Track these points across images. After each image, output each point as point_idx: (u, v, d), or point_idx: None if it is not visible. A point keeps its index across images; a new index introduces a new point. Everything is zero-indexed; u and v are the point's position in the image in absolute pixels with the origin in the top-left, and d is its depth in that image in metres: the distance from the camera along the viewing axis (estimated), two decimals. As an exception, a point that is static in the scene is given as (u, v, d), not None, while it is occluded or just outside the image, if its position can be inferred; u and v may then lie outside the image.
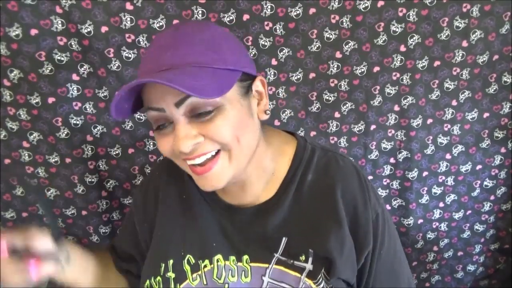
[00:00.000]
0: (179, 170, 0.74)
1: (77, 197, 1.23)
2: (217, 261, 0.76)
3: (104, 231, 1.30)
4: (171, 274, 0.76)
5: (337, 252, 0.73)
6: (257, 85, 0.72)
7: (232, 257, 0.76)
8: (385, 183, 1.32)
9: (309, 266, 0.74)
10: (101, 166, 1.22)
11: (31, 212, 1.25)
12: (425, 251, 1.43)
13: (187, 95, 0.60)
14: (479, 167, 1.31)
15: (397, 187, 1.33)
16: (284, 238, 0.75)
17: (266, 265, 0.75)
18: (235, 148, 0.66)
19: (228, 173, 0.67)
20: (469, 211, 1.37)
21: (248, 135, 0.68)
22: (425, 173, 1.30)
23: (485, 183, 1.34)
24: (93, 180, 1.22)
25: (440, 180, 1.32)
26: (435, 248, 1.42)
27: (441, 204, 1.35)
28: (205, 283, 0.75)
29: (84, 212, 1.26)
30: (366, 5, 1.06)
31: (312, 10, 1.06)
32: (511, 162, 1.31)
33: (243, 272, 0.75)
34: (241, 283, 0.74)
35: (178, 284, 0.76)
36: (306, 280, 0.73)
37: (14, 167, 1.18)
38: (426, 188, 1.32)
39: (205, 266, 0.76)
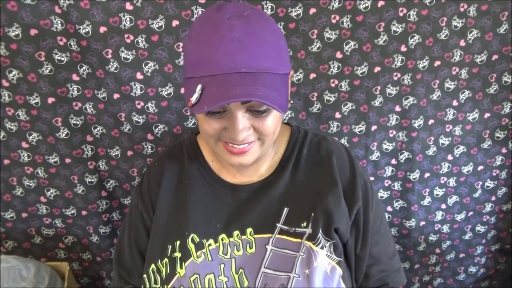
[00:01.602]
0: (179, 159, 0.87)
1: (77, 197, 1.23)
2: (222, 239, 0.80)
3: (104, 231, 1.30)
4: (177, 254, 0.79)
5: (335, 206, 0.81)
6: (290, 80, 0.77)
7: (236, 232, 0.80)
8: (386, 184, 1.31)
9: (309, 230, 0.80)
10: (101, 166, 1.22)
11: (31, 212, 1.25)
12: (428, 254, 1.42)
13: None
14: (480, 167, 1.30)
15: (398, 188, 1.32)
16: (285, 209, 0.81)
17: (269, 235, 0.80)
18: (270, 139, 0.75)
19: (256, 155, 0.76)
20: (471, 212, 1.36)
21: (280, 126, 0.76)
22: (427, 175, 1.29)
23: (486, 184, 1.33)
24: (93, 180, 1.22)
25: (442, 182, 1.31)
26: (437, 251, 1.41)
27: (443, 206, 1.34)
28: (210, 259, 0.79)
29: (84, 212, 1.26)
30: (367, 5, 1.06)
31: (312, 10, 1.06)
32: (512, 163, 1.30)
33: (248, 244, 0.80)
34: (246, 255, 0.79)
35: (183, 263, 0.79)
36: (306, 243, 0.78)
37: (13, 168, 1.18)
38: (428, 190, 1.31)
39: (209, 244, 0.80)
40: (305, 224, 0.80)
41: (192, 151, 0.88)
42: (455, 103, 1.20)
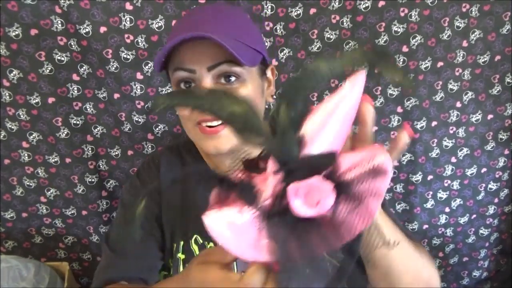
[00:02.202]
0: (179, 159, 0.85)
1: (77, 197, 1.23)
2: None
3: (104, 231, 1.29)
4: (180, 255, 0.78)
5: None
6: (269, 72, 0.78)
7: None
8: (388, 186, 1.30)
9: None
10: (101, 166, 1.22)
11: (31, 212, 1.25)
12: (431, 258, 1.40)
13: (220, 61, 0.66)
14: (484, 170, 1.28)
15: (400, 190, 1.30)
16: None
17: None
18: None
19: (232, 141, 0.71)
20: (474, 215, 1.35)
21: (262, 107, 0.76)
22: (430, 177, 1.27)
23: (489, 186, 1.31)
24: (93, 180, 1.22)
25: (446, 185, 1.29)
26: (441, 254, 1.40)
27: (447, 209, 1.32)
28: None
29: (84, 212, 1.26)
30: (367, 5, 1.05)
31: (312, 10, 1.05)
32: (514, 164, 1.29)
33: None
34: None
35: (187, 265, 0.76)
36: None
37: (14, 167, 1.19)
38: (431, 193, 1.30)
39: (211, 247, 0.79)
40: None
41: (190, 151, 0.87)
42: (458, 104, 1.19)
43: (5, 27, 1.01)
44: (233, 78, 0.68)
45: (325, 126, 0.37)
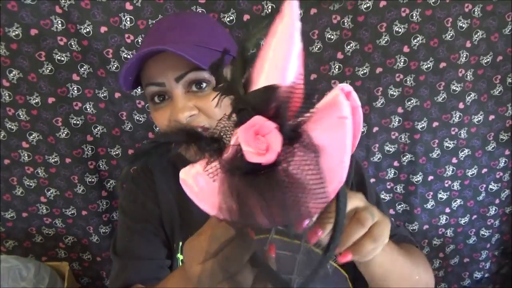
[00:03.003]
0: (174, 166, 0.83)
1: (77, 197, 1.23)
2: None
3: (104, 231, 1.29)
4: (180, 256, 0.79)
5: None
6: None
7: None
8: (388, 187, 1.29)
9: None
10: (101, 166, 1.22)
11: (31, 212, 1.25)
12: (431, 258, 1.40)
13: (186, 71, 0.66)
14: (484, 170, 1.28)
15: (401, 191, 1.30)
16: None
17: (266, 235, 0.76)
18: None
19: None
20: (475, 216, 1.34)
21: None
22: (430, 177, 1.27)
23: (490, 186, 1.31)
24: (93, 180, 1.22)
25: (446, 185, 1.29)
26: (441, 255, 1.39)
27: (447, 210, 1.32)
28: None
29: (84, 212, 1.26)
30: (368, 5, 1.04)
31: (313, 10, 1.05)
32: (515, 164, 1.28)
33: None
34: None
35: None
36: (306, 245, 0.76)
37: (14, 168, 1.19)
38: (431, 193, 1.30)
39: None
40: None
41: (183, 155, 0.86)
42: (461, 105, 1.18)
43: (5, 27, 1.00)
44: (204, 85, 0.68)
45: (264, 63, 0.37)
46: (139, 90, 1.10)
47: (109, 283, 0.82)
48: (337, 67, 1.12)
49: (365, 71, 1.12)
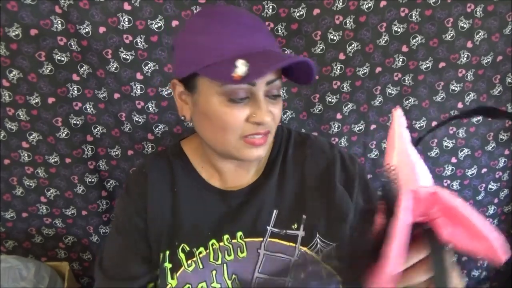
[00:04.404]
0: (168, 167, 0.83)
1: (77, 197, 1.23)
2: (212, 245, 0.78)
3: (104, 231, 1.30)
4: (167, 265, 0.77)
5: (331, 206, 0.80)
6: None
7: (226, 236, 0.79)
8: (385, 183, 1.30)
9: (301, 233, 0.78)
10: (101, 166, 1.22)
11: (31, 212, 1.25)
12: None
13: (277, 77, 0.69)
14: (484, 170, 1.28)
15: (399, 189, 1.31)
16: (275, 211, 0.80)
17: (261, 239, 0.78)
18: (274, 131, 0.77)
19: (266, 149, 0.76)
20: (474, 215, 1.35)
21: None
22: (428, 176, 1.28)
23: (489, 186, 1.31)
24: (93, 180, 1.22)
25: (445, 184, 1.30)
26: (439, 253, 1.40)
27: (446, 208, 1.33)
28: (201, 267, 0.77)
29: (84, 212, 1.26)
30: (370, 5, 1.04)
31: (316, 11, 1.04)
32: (514, 164, 1.29)
33: (239, 248, 0.78)
34: (238, 259, 0.77)
35: (174, 273, 0.77)
36: (301, 248, 0.77)
37: (14, 168, 1.18)
38: (430, 192, 1.30)
39: (200, 252, 0.78)
40: (295, 226, 0.78)
41: (179, 159, 0.85)
42: (460, 105, 1.19)
43: (5, 27, 1.00)
44: (278, 93, 0.72)
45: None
46: (138, 90, 1.10)
47: None
48: (338, 67, 1.12)
49: (365, 71, 1.13)
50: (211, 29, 0.68)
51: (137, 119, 1.14)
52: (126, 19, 1.02)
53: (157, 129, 1.17)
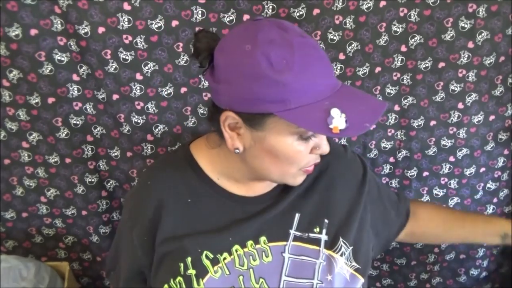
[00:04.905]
0: (179, 178, 0.81)
1: (77, 197, 1.23)
2: (236, 251, 0.78)
3: (104, 231, 1.30)
4: (191, 271, 0.76)
5: (352, 209, 0.84)
6: None
7: (250, 242, 0.79)
8: (384, 182, 1.31)
9: (324, 237, 0.80)
10: (101, 166, 1.22)
11: (31, 212, 1.25)
12: (426, 252, 1.42)
13: None
14: (482, 169, 1.29)
15: (396, 185, 1.32)
16: (297, 214, 0.81)
17: (284, 243, 0.79)
18: None
19: None
20: (472, 214, 1.36)
21: None
22: (425, 173, 1.29)
23: (488, 185, 1.32)
24: (93, 180, 1.22)
25: (443, 182, 1.30)
26: (436, 250, 1.41)
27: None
28: (227, 273, 0.77)
29: (84, 212, 1.26)
30: (369, 5, 1.04)
31: (316, 11, 1.04)
32: (514, 164, 1.29)
33: (263, 252, 0.78)
34: (263, 264, 0.78)
35: (200, 279, 0.76)
36: (325, 251, 0.79)
37: (14, 168, 1.18)
38: (426, 188, 1.31)
39: (224, 258, 0.77)
40: (318, 229, 0.80)
41: (191, 169, 0.82)
42: (460, 105, 1.19)
43: (5, 27, 0.99)
44: None
45: None
46: (138, 91, 1.10)
47: None
48: (338, 68, 1.12)
49: (365, 71, 1.13)
50: (294, 65, 0.62)
51: (136, 120, 1.14)
52: (126, 19, 1.02)
53: (157, 129, 1.17)
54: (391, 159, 1.28)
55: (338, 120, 0.62)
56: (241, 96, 0.65)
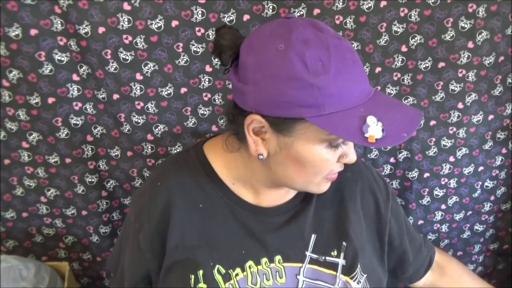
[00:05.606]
0: (191, 180, 0.78)
1: (77, 197, 1.23)
2: (249, 267, 0.74)
3: (104, 231, 1.30)
4: (202, 285, 0.72)
5: (369, 234, 0.81)
6: None
7: (264, 259, 0.75)
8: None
9: (341, 261, 0.76)
10: (101, 166, 1.22)
11: (31, 212, 1.25)
12: (425, 251, 1.43)
13: None
14: (481, 168, 1.30)
15: (396, 186, 1.32)
16: (313, 235, 0.77)
17: (300, 265, 0.75)
18: None
19: None
20: (470, 212, 1.37)
21: None
22: (426, 174, 1.29)
23: (485, 184, 1.33)
24: (93, 180, 1.22)
25: (443, 183, 1.31)
26: (435, 248, 1.42)
27: (443, 206, 1.34)
28: None
29: (84, 212, 1.26)
30: (370, 5, 1.05)
31: (316, 11, 1.04)
32: (511, 162, 1.30)
33: (277, 273, 0.75)
34: (276, 285, 0.74)
35: None
36: (342, 277, 0.74)
37: (14, 168, 1.18)
38: (427, 190, 1.31)
39: (236, 274, 0.74)
40: (335, 253, 0.76)
41: (203, 169, 0.78)
42: (460, 105, 1.19)
43: (5, 27, 0.99)
44: None
45: None
46: (138, 90, 1.10)
47: None
48: (338, 67, 1.12)
49: (365, 71, 1.13)
50: (331, 68, 0.58)
51: (136, 119, 1.14)
52: (126, 19, 1.02)
53: (157, 129, 1.17)
54: (392, 160, 1.28)
55: (374, 128, 0.58)
56: (270, 99, 0.61)
